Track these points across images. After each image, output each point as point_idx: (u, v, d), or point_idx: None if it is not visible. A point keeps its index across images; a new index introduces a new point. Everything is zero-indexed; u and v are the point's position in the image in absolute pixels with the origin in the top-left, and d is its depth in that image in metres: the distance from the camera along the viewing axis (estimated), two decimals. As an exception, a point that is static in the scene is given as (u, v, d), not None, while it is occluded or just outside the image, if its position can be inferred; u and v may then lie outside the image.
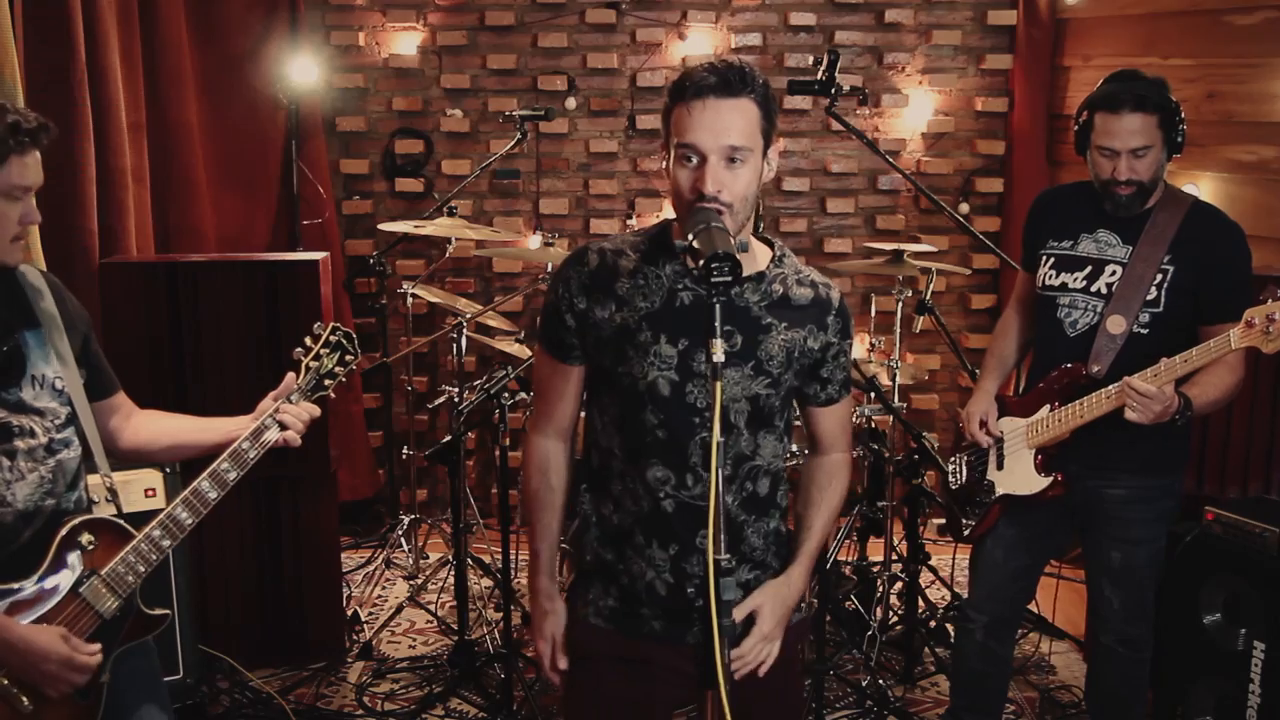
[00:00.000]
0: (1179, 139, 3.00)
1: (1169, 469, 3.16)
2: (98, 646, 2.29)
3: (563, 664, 2.33)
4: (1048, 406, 3.15)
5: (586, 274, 2.24)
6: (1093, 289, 3.09)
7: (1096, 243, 3.11)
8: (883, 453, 4.38)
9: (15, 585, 2.24)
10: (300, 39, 5.28)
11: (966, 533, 3.43)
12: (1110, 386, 2.95)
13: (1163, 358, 2.85)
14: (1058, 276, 3.16)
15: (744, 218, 2.13)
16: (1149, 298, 3.00)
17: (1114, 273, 3.06)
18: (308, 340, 2.56)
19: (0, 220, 2.17)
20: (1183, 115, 3.00)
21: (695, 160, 2.08)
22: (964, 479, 3.46)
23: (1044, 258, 3.21)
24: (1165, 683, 3.46)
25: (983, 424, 3.31)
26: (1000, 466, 3.31)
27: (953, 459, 3.52)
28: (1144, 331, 3.01)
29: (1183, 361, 2.82)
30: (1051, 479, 3.17)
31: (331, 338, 2.56)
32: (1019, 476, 3.24)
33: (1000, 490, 3.30)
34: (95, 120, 3.94)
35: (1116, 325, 3.02)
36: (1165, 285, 3.00)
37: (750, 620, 2.23)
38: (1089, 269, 3.11)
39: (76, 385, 2.38)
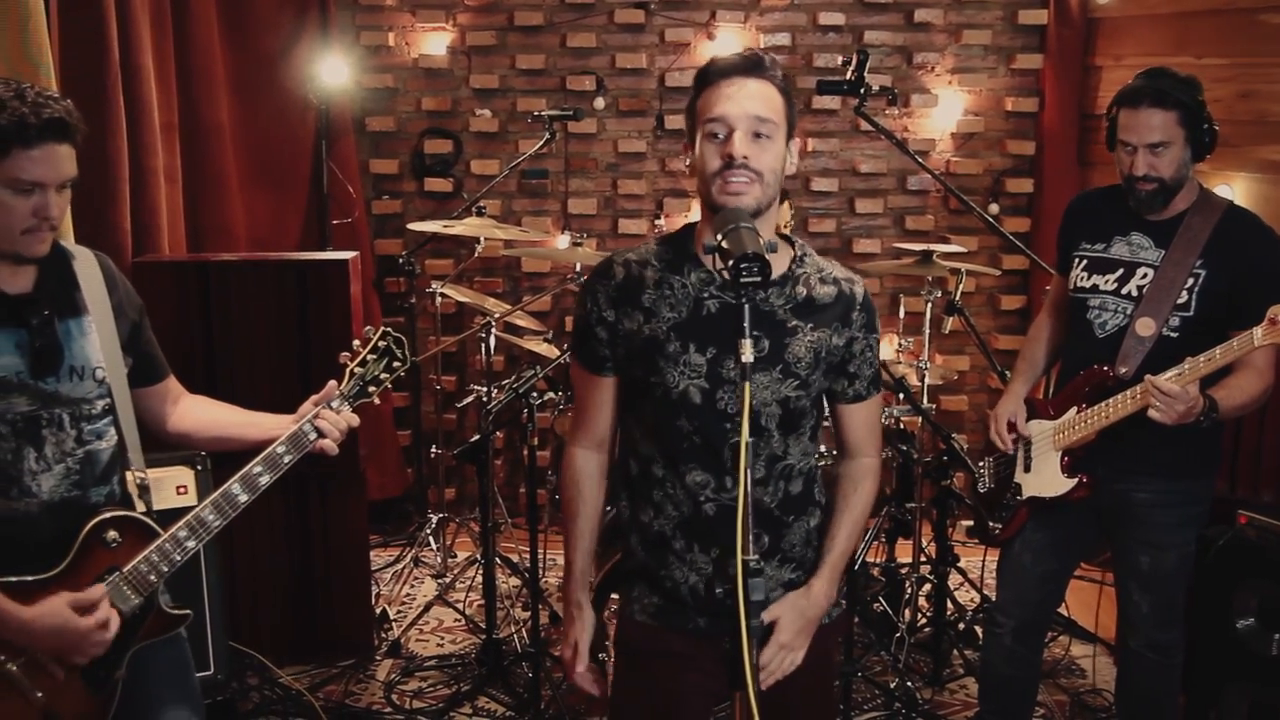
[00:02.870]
0: (1206, 139, 2.97)
1: (1197, 473, 3.13)
2: (105, 599, 2.29)
3: (580, 667, 2.36)
4: (1075, 408, 3.14)
5: (613, 287, 2.27)
6: (1123, 291, 3.07)
7: (1129, 245, 3.09)
8: (911, 454, 4.37)
9: (36, 577, 2.25)
10: (330, 39, 5.30)
11: (994, 535, 3.41)
12: (1135, 386, 2.94)
13: (1187, 357, 2.84)
14: (1089, 278, 3.15)
15: (772, 195, 2.15)
16: (1179, 301, 2.98)
17: (1145, 275, 3.04)
18: (355, 344, 2.54)
19: (7, 212, 2.16)
20: (1209, 115, 2.97)
21: (723, 133, 2.13)
22: (992, 482, 3.44)
23: (1076, 259, 3.19)
24: (1197, 687, 3.44)
25: (1011, 425, 3.30)
26: (1028, 469, 3.29)
27: (982, 462, 3.51)
28: (1174, 335, 2.98)
29: (1206, 360, 2.80)
30: (1077, 480, 3.15)
31: (380, 343, 2.54)
32: (1045, 478, 3.23)
33: (1027, 492, 3.28)
34: (129, 120, 3.97)
35: (1145, 328, 3.00)
36: (1196, 289, 2.97)
37: (770, 630, 2.25)
38: (1120, 271, 3.09)
39: (119, 376, 2.38)
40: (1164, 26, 4.95)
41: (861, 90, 4.21)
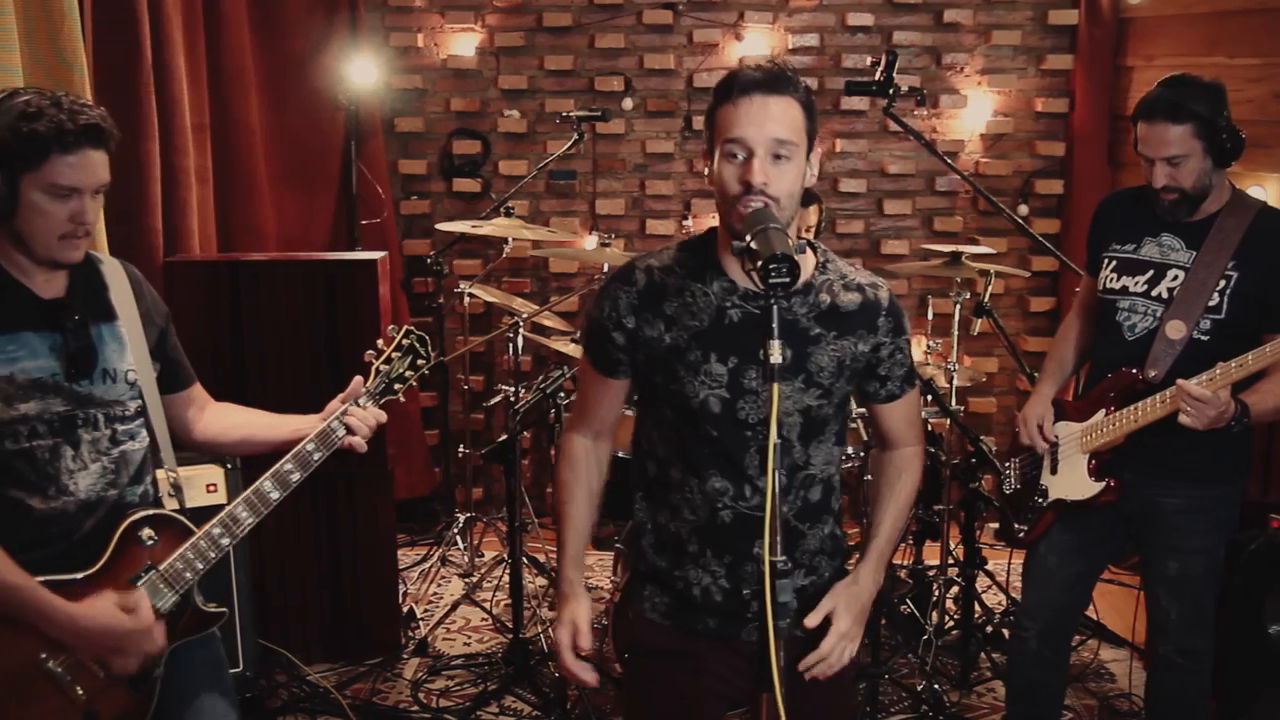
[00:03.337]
0: (1227, 146, 2.93)
1: (1227, 478, 3.09)
2: (148, 609, 2.31)
3: (584, 644, 2.30)
4: (1103, 411, 3.11)
5: (635, 294, 2.25)
6: (1153, 293, 3.04)
7: (1160, 247, 3.06)
8: (939, 456, 4.35)
9: (76, 575, 2.28)
10: (360, 40, 5.33)
11: (1020, 538, 3.39)
12: (1166, 390, 2.91)
13: (1218, 361, 2.82)
14: (1119, 280, 3.12)
15: (789, 216, 2.13)
16: (1211, 304, 2.95)
17: (1176, 278, 3.01)
18: (380, 343, 2.57)
19: (46, 216, 2.20)
20: (1228, 124, 2.91)
21: (742, 155, 2.09)
22: (1018, 484, 3.42)
23: (1106, 260, 3.17)
24: (1229, 694, 3.41)
25: (1039, 428, 3.28)
26: (1054, 471, 3.27)
27: (1007, 464, 3.49)
28: (1205, 338, 2.95)
29: (1238, 366, 2.77)
30: (1104, 484, 3.12)
31: (404, 341, 2.57)
32: (1072, 481, 3.20)
33: (1053, 495, 3.26)
34: (160, 121, 4.01)
35: (1176, 330, 2.97)
36: (1228, 291, 2.94)
37: (827, 623, 2.24)
38: (1151, 273, 3.06)
39: (149, 379, 2.42)
40: (1196, 26, 4.91)
41: (890, 91, 4.20)
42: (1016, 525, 3.38)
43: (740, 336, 2.18)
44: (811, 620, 2.23)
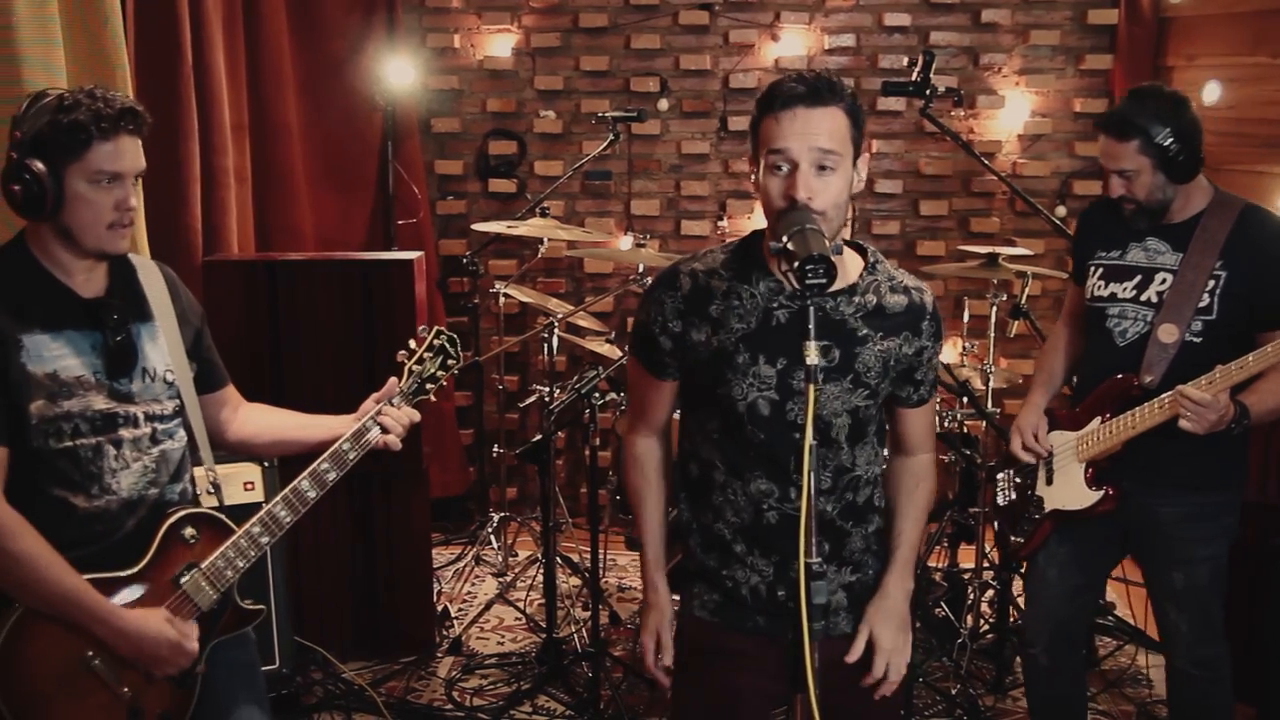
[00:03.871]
0: (1179, 161, 2.87)
1: (1226, 484, 3.03)
2: (196, 627, 2.36)
3: (666, 660, 2.36)
4: (1099, 418, 3.05)
5: (680, 298, 2.25)
6: (1142, 298, 2.99)
7: (1146, 251, 3.02)
8: (975, 458, 4.33)
9: (119, 574, 2.31)
10: (397, 41, 5.36)
11: (1016, 550, 3.31)
12: (1163, 395, 2.86)
13: (1217, 365, 2.77)
14: (1106, 287, 3.07)
15: (836, 226, 2.12)
16: (1201, 305, 2.90)
17: (1164, 281, 2.96)
18: (411, 343, 2.59)
19: (92, 206, 2.24)
20: (1176, 143, 2.85)
21: (786, 168, 2.09)
22: (1012, 495, 3.35)
23: (1092, 269, 3.12)
24: (1267, 701, 3.37)
25: (1034, 438, 3.22)
26: (1049, 482, 3.19)
27: (1001, 474, 3.42)
28: (1197, 340, 2.90)
29: (1238, 368, 2.73)
30: (1102, 493, 3.05)
31: (435, 341, 2.59)
32: (1069, 491, 3.13)
33: (1049, 506, 3.18)
34: (200, 121, 4.05)
35: (1168, 334, 2.92)
36: (1218, 292, 2.89)
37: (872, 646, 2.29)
38: (1138, 278, 3.02)
39: (186, 378, 2.45)
40: (1239, 25, 4.86)
41: (927, 91, 4.18)
42: (1012, 538, 3.31)
43: (788, 337, 2.17)
44: (854, 654, 2.27)
